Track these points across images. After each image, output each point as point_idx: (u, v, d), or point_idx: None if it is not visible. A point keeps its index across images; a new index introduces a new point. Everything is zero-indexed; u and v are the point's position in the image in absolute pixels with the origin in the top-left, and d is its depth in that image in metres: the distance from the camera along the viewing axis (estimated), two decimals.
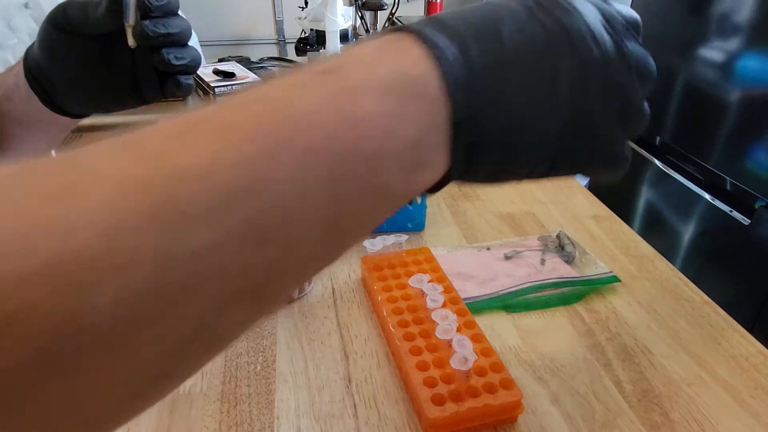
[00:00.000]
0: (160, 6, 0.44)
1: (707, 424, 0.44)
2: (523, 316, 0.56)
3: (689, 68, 1.27)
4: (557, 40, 0.25)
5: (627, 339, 0.53)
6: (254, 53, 2.20)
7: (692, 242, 1.30)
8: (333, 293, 0.59)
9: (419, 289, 0.54)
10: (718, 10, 1.18)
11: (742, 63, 1.12)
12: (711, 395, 0.47)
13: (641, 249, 0.68)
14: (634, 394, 0.47)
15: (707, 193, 1.22)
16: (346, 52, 0.23)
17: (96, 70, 0.48)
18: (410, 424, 0.44)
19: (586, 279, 0.61)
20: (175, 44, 0.46)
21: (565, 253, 0.65)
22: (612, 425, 0.44)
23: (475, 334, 0.49)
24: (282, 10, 2.84)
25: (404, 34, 0.24)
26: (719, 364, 0.50)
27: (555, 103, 0.25)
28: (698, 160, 1.25)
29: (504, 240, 0.69)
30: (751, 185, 1.10)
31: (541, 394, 0.47)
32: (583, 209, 0.77)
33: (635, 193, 1.48)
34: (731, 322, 0.56)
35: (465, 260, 0.64)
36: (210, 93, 1.49)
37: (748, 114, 1.11)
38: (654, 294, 0.60)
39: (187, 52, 0.47)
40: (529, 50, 0.24)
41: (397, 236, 0.60)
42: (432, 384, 0.44)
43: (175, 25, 0.45)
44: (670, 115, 1.34)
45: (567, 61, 0.25)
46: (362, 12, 0.84)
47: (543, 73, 0.25)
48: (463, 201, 0.79)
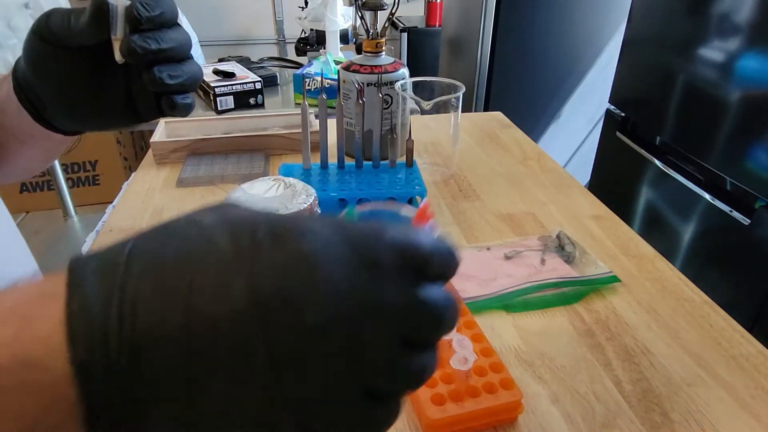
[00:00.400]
0: (152, 18, 0.38)
1: (707, 424, 0.44)
2: (523, 316, 0.56)
3: (689, 68, 1.27)
4: (263, 299, 0.19)
5: (627, 339, 0.53)
6: (254, 53, 2.21)
7: (692, 242, 1.31)
8: None
9: None
10: (718, 10, 1.18)
11: (742, 63, 1.12)
12: (711, 395, 0.47)
13: (641, 249, 0.68)
14: (634, 394, 0.47)
15: (707, 193, 1.22)
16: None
17: (84, 86, 0.43)
18: (410, 424, 0.44)
19: (586, 279, 0.61)
20: (170, 60, 0.40)
21: (565, 253, 0.65)
22: (612, 425, 0.44)
23: (475, 334, 0.49)
24: (282, 10, 2.84)
25: (47, 289, 0.20)
26: (719, 364, 0.50)
27: (247, 392, 0.20)
28: (698, 160, 1.25)
29: (504, 240, 0.69)
30: (751, 185, 1.10)
31: (541, 394, 0.47)
32: (583, 209, 0.77)
33: (635, 193, 1.48)
34: (731, 322, 0.56)
35: (465, 260, 0.64)
36: (210, 93, 1.49)
37: (748, 114, 1.11)
38: (654, 294, 0.60)
39: (182, 69, 0.41)
40: (221, 312, 0.19)
41: None
42: (432, 384, 0.44)
43: (169, 39, 0.39)
44: (670, 115, 1.34)
45: (274, 324, 0.19)
46: (362, 12, 0.83)
47: (235, 351, 0.19)
48: (463, 201, 0.79)
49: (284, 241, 0.21)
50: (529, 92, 1.97)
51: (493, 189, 0.82)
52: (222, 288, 0.20)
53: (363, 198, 0.67)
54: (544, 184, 0.84)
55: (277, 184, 0.56)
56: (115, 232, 0.70)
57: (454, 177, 0.86)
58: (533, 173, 0.88)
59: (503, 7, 1.82)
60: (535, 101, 1.99)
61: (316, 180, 0.69)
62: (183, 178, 0.82)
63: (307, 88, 1.49)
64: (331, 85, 1.45)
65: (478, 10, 1.86)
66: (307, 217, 0.24)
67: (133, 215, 0.74)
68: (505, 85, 1.95)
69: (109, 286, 0.19)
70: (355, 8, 0.86)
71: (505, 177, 0.86)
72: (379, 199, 0.67)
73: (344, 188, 0.67)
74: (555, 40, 1.89)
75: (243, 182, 0.57)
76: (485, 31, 1.87)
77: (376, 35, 0.85)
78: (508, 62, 1.91)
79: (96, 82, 0.43)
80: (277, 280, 0.20)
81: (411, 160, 0.73)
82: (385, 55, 0.87)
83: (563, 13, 1.85)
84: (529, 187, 0.83)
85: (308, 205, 0.53)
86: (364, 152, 0.73)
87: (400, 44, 2.57)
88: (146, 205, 0.77)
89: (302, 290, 0.20)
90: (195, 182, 0.82)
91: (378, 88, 0.74)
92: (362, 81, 0.82)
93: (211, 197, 0.79)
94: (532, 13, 1.84)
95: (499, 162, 0.92)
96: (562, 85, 1.97)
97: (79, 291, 0.19)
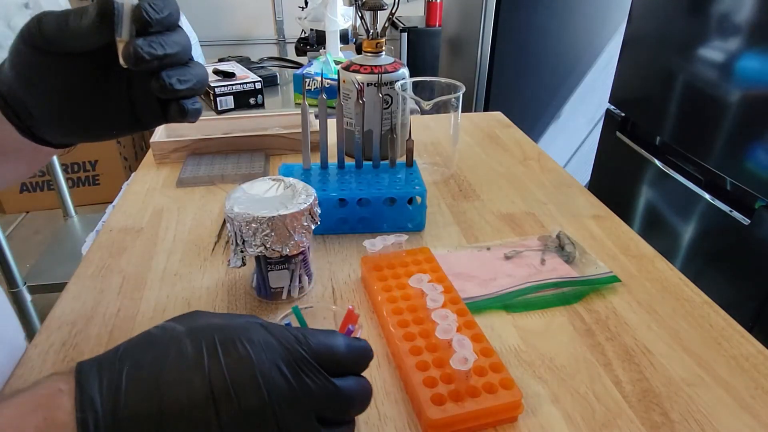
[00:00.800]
0: (161, 20, 0.36)
1: (707, 424, 0.44)
2: (523, 316, 0.56)
3: (689, 68, 1.27)
4: (216, 391, 0.28)
5: (627, 339, 0.53)
6: (254, 53, 2.21)
7: (692, 242, 1.30)
8: (333, 293, 0.59)
9: (419, 289, 0.54)
10: (718, 10, 1.18)
11: (742, 63, 1.12)
12: (711, 395, 0.47)
13: (641, 249, 0.68)
14: (634, 394, 0.47)
15: (707, 193, 1.22)
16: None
17: (81, 96, 0.40)
18: (410, 424, 0.44)
19: (586, 279, 0.61)
20: (176, 64, 0.38)
21: (565, 253, 0.65)
22: (612, 425, 0.44)
23: (475, 334, 0.49)
24: (282, 10, 2.84)
25: (64, 385, 0.28)
26: (719, 364, 0.50)
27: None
28: (698, 160, 1.25)
29: (504, 240, 0.69)
30: (751, 185, 1.10)
31: (541, 394, 0.47)
32: (583, 209, 0.77)
33: (635, 193, 1.48)
34: (731, 322, 0.55)
35: (465, 260, 0.64)
36: (210, 93, 1.49)
37: (748, 114, 1.11)
38: (654, 294, 0.60)
39: (191, 72, 0.39)
40: (185, 401, 0.27)
41: (397, 236, 0.60)
42: (432, 384, 0.44)
43: (173, 43, 0.37)
44: (670, 115, 1.34)
45: (224, 410, 0.28)
46: (362, 12, 0.83)
47: (196, 424, 0.27)
48: (463, 201, 0.79)
49: (233, 347, 0.29)
50: (529, 92, 1.97)
51: (493, 189, 0.82)
52: (187, 383, 0.28)
53: (363, 198, 0.67)
54: (544, 184, 0.84)
55: (277, 184, 0.57)
56: (115, 232, 0.70)
57: (454, 177, 0.86)
58: (533, 173, 0.88)
59: (503, 7, 1.82)
60: (535, 101, 1.99)
61: (316, 180, 0.69)
62: (183, 178, 0.82)
63: (307, 88, 1.49)
64: (331, 85, 1.45)
65: (478, 10, 1.86)
66: (252, 325, 0.31)
67: (133, 215, 0.74)
68: (505, 85, 1.95)
69: (103, 386, 0.28)
70: (355, 8, 0.86)
71: (505, 177, 0.86)
72: (379, 198, 0.67)
73: (344, 188, 0.67)
74: (555, 40, 1.89)
75: (243, 182, 0.57)
76: (485, 31, 1.87)
77: (376, 35, 0.85)
78: (508, 62, 1.91)
79: (95, 91, 0.40)
80: (225, 378, 0.28)
81: (411, 160, 0.73)
82: (385, 55, 0.87)
83: (563, 13, 1.85)
84: (529, 187, 0.83)
85: (308, 205, 0.53)
86: (364, 152, 0.73)
87: (400, 44, 2.57)
88: (146, 205, 0.77)
89: (243, 385, 0.28)
90: (195, 182, 0.82)
91: (378, 88, 0.74)
92: (362, 81, 0.82)
93: (211, 197, 0.79)
94: (532, 13, 1.83)
95: (499, 162, 0.92)
96: (562, 85, 1.97)
97: (83, 390, 0.28)
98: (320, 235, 0.69)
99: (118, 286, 0.60)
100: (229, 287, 0.60)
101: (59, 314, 0.56)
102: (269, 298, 0.57)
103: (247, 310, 0.56)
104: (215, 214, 0.74)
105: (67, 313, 0.56)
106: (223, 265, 0.64)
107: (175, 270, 0.63)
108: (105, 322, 0.55)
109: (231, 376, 0.28)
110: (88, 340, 0.52)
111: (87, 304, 0.57)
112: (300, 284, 0.57)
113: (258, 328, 0.31)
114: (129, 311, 0.56)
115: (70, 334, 0.53)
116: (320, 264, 0.64)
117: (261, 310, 0.56)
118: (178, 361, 0.29)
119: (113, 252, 0.66)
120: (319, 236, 0.69)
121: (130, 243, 0.68)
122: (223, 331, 0.30)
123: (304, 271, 0.57)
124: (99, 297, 0.58)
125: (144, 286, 0.60)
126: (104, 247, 0.67)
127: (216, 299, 0.58)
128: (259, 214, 0.51)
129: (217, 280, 0.61)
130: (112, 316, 0.55)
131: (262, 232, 0.51)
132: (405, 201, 0.68)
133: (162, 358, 0.29)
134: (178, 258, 0.65)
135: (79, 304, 0.57)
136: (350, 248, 0.67)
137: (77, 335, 0.53)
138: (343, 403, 0.31)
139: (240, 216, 0.51)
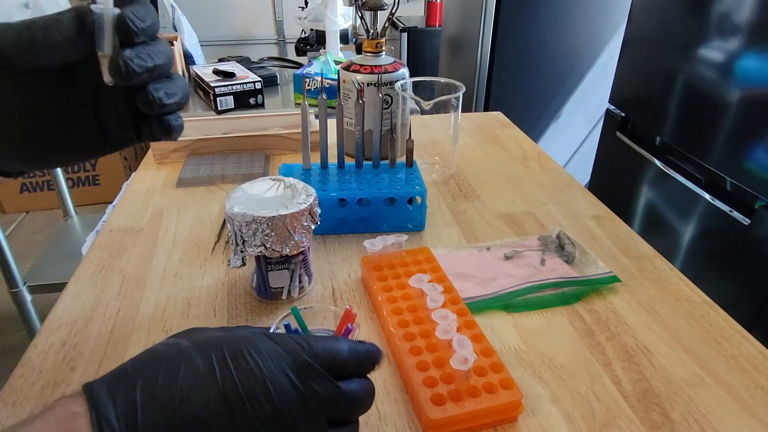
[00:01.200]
0: (145, 29, 0.33)
1: (707, 424, 0.44)
2: (523, 316, 0.56)
3: (689, 68, 1.27)
4: (231, 401, 0.29)
5: (627, 339, 0.53)
6: (254, 53, 2.21)
7: (692, 242, 1.30)
8: (333, 293, 0.59)
9: (419, 289, 0.54)
10: (718, 10, 1.18)
11: (742, 63, 1.12)
12: (711, 395, 0.47)
13: (641, 249, 0.68)
14: (634, 394, 0.47)
15: (707, 193, 1.22)
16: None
17: (45, 118, 0.36)
18: (410, 424, 0.44)
19: (586, 279, 0.61)
20: (162, 77, 0.35)
21: (565, 253, 0.65)
22: (612, 425, 0.44)
23: (475, 334, 0.49)
24: (282, 10, 2.84)
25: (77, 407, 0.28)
26: (719, 364, 0.50)
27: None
28: (698, 160, 1.24)
29: (504, 240, 0.69)
30: (751, 185, 1.10)
31: (541, 394, 0.47)
32: (583, 209, 0.77)
33: (635, 193, 1.48)
34: (731, 322, 0.55)
35: (465, 260, 0.64)
36: (210, 93, 1.49)
37: (748, 114, 1.11)
38: (654, 294, 0.60)
39: (176, 85, 0.36)
40: (202, 413, 0.28)
41: (397, 236, 0.60)
42: (432, 384, 0.44)
43: (159, 53, 0.34)
44: (670, 115, 1.34)
45: (240, 419, 0.29)
46: (362, 12, 0.83)
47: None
48: (463, 201, 0.79)
49: (242, 358, 0.30)
50: (529, 92, 1.97)
51: (493, 189, 0.82)
52: (201, 396, 0.29)
53: (363, 198, 0.67)
54: (544, 184, 0.84)
55: (277, 184, 0.57)
56: (115, 232, 0.70)
57: (454, 177, 0.86)
58: (533, 173, 0.88)
59: (503, 7, 1.82)
60: (535, 101, 1.99)
61: (316, 180, 0.69)
62: (183, 178, 0.82)
63: (307, 88, 1.49)
64: (331, 85, 1.45)
65: (478, 10, 1.86)
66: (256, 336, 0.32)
67: (133, 215, 0.74)
68: (505, 85, 1.95)
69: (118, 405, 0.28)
70: (355, 8, 0.86)
71: (505, 177, 0.86)
72: (379, 198, 0.67)
73: (344, 188, 0.67)
74: (555, 40, 1.89)
75: (243, 182, 0.57)
76: (485, 31, 1.87)
77: (376, 35, 0.85)
78: (508, 62, 1.91)
79: (61, 111, 0.36)
80: (238, 389, 0.29)
81: (411, 160, 0.73)
82: (385, 55, 0.87)
83: (563, 13, 1.85)
84: (529, 187, 0.83)
85: (308, 205, 0.53)
86: (364, 152, 0.73)
87: (400, 44, 2.57)
88: (146, 205, 0.77)
89: (256, 394, 0.29)
90: (195, 182, 0.82)
91: (378, 88, 0.74)
92: (362, 81, 0.82)
93: (211, 197, 0.79)
94: (532, 13, 1.83)
95: (499, 162, 0.92)
96: (562, 85, 1.97)
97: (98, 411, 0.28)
98: (320, 235, 0.69)
99: (118, 286, 0.60)
100: (229, 287, 0.60)
101: (59, 314, 0.56)
102: (269, 298, 0.57)
103: (247, 310, 0.56)
104: (215, 214, 0.74)
105: (67, 313, 0.56)
106: (223, 265, 0.64)
107: (175, 270, 0.63)
108: (105, 322, 0.55)
109: (243, 386, 0.29)
110: (88, 340, 0.52)
111: (87, 304, 0.57)
112: (300, 284, 0.57)
113: (262, 338, 0.32)
114: (129, 311, 0.56)
115: (70, 334, 0.53)
116: (320, 264, 0.64)
117: (261, 310, 0.56)
118: (190, 375, 0.29)
119: (113, 252, 0.66)
120: (319, 236, 0.69)
121: (130, 243, 0.68)
122: (230, 344, 0.31)
123: (304, 271, 0.57)
124: (99, 297, 0.58)
125: (144, 286, 0.60)
126: (104, 247, 0.67)
127: (216, 299, 0.58)
128: (259, 214, 0.51)
129: (217, 280, 0.61)
130: (112, 316, 0.55)
131: (262, 232, 0.51)
132: (405, 201, 0.68)
133: (174, 373, 0.29)
134: (178, 258, 0.65)
135: (79, 304, 0.57)
136: (350, 248, 0.67)
137: (77, 335, 0.53)
138: (349, 405, 0.32)
139: (240, 216, 0.51)
